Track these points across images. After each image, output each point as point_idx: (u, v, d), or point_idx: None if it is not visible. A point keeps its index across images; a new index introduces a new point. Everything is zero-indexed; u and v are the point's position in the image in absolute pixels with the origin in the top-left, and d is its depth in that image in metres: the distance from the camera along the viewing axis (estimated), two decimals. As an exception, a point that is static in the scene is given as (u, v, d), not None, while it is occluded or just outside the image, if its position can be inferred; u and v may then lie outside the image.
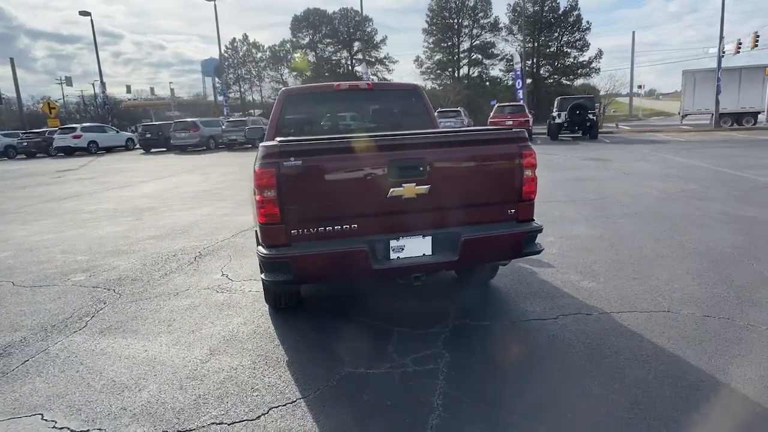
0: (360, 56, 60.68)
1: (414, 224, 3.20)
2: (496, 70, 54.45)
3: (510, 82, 44.73)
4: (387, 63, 59.07)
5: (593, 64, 49.16)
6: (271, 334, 3.57)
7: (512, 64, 52.95)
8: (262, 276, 3.12)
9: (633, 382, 2.74)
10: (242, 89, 63.69)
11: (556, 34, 50.00)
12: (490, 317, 3.70)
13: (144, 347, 3.45)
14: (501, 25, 52.46)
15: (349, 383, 2.87)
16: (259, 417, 2.58)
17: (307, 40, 61.32)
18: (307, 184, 3.02)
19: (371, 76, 43.55)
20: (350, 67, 60.78)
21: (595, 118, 22.99)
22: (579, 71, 50.01)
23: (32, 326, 3.91)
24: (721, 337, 3.21)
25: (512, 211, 3.36)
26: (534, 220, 3.44)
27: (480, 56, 54.13)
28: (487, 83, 53.44)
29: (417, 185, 3.09)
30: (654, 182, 9.68)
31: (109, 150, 30.64)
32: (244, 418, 2.57)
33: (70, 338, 3.66)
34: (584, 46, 49.41)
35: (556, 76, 50.31)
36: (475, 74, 54.37)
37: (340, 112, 4.86)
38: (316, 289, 4.44)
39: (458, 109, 26.72)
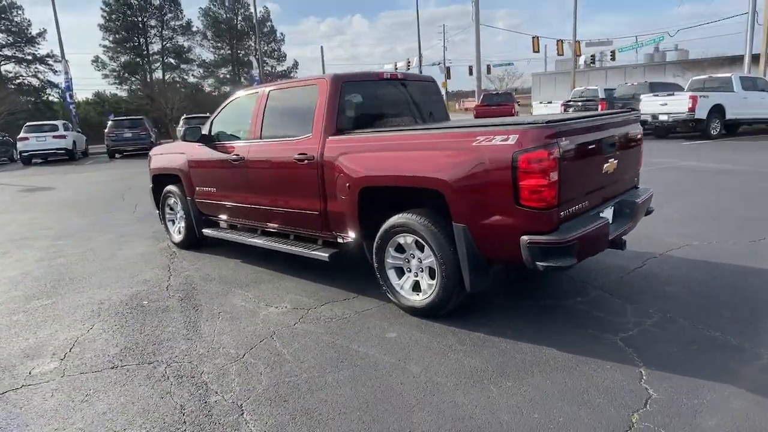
0: (7, 52, 47.88)
1: (605, 196, 3.56)
2: (191, 76, 51.80)
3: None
4: (50, 63, 48.29)
5: (292, 74, 52.38)
6: (495, 342, 3.28)
7: (211, 70, 51.87)
8: (540, 264, 2.90)
9: (750, 287, 3.88)
10: None
11: (251, 43, 51.12)
12: (612, 276, 4.26)
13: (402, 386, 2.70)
14: (195, 28, 50.20)
15: (641, 343, 3.06)
16: (640, 407, 2.58)
17: None
18: (572, 164, 3.04)
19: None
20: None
21: None
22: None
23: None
24: (751, 247, 4.72)
25: (636, 179, 4.09)
26: None
27: (174, 60, 50.47)
28: (183, 90, 49.95)
29: (614, 160, 3.48)
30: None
31: None
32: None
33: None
34: (281, 57, 52.27)
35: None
36: (171, 79, 50.36)
37: (385, 100, 4.52)
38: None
39: (141, 117, 23.61)
